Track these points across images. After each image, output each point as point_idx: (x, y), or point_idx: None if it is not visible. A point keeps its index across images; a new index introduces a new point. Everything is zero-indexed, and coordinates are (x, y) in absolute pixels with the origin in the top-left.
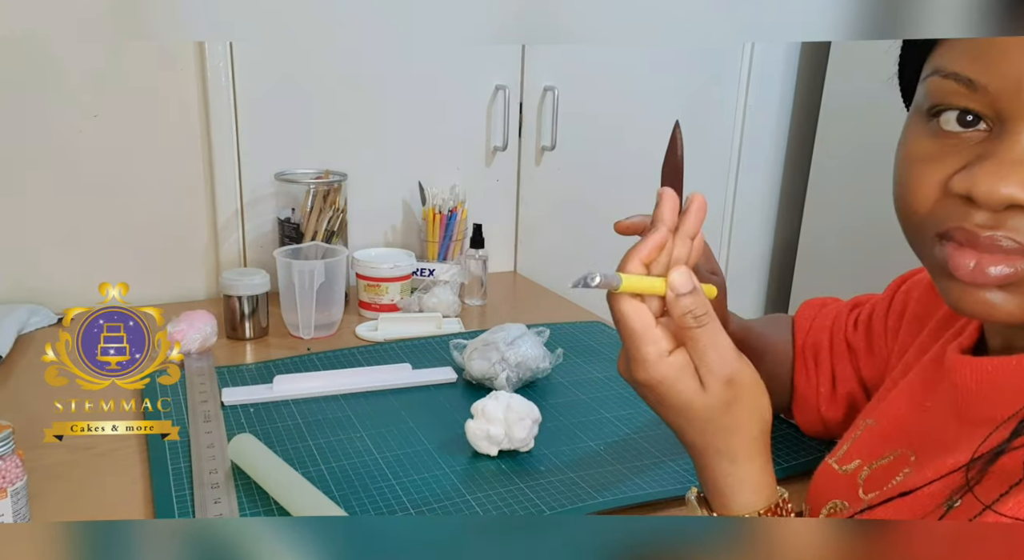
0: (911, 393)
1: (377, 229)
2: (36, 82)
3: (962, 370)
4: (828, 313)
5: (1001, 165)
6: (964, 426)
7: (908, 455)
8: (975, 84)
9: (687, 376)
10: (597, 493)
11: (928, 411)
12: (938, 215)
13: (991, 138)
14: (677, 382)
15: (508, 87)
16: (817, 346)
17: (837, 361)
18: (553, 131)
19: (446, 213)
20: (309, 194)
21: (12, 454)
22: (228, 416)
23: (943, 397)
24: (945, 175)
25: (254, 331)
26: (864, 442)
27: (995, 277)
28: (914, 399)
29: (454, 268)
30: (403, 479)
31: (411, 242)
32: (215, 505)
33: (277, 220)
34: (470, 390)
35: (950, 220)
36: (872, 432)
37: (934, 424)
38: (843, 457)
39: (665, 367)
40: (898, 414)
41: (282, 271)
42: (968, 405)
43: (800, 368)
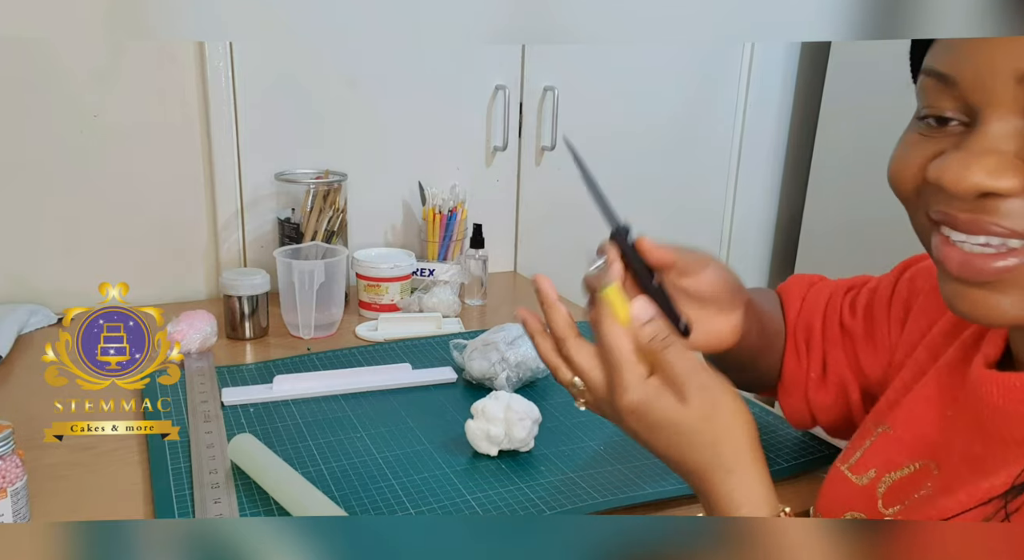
0: (928, 400)
1: (377, 229)
2: (36, 82)
3: (988, 386)
4: (820, 293)
5: (968, 154)
6: (993, 445)
7: (931, 467)
8: (948, 79)
9: (666, 393)
10: (597, 493)
11: (950, 420)
12: (924, 196)
13: (964, 131)
14: (659, 399)
15: (508, 87)
16: (809, 328)
17: (829, 346)
18: (553, 131)
19: (446, 213)
20: (309, 194)
21: (12, 454)
22: (228, 416)
23: (966, 408)
24: (925, 159)
25: (254, 331)
26: (879, 450)
27: (990, 271)
28: (933, 407)
29: (454, 268)
30: (403, 479)
31: (411, 242)
32: (215, 505)
33: (277, 220)
34: (470, 390)
35: (936, 202)
36: (888, 439)
37: (958, 436)
38: (856, 465)
39: (645, 387)
40: (916, 422)
41: (282, 271)
42: (996, 423)
43: (791, 348)
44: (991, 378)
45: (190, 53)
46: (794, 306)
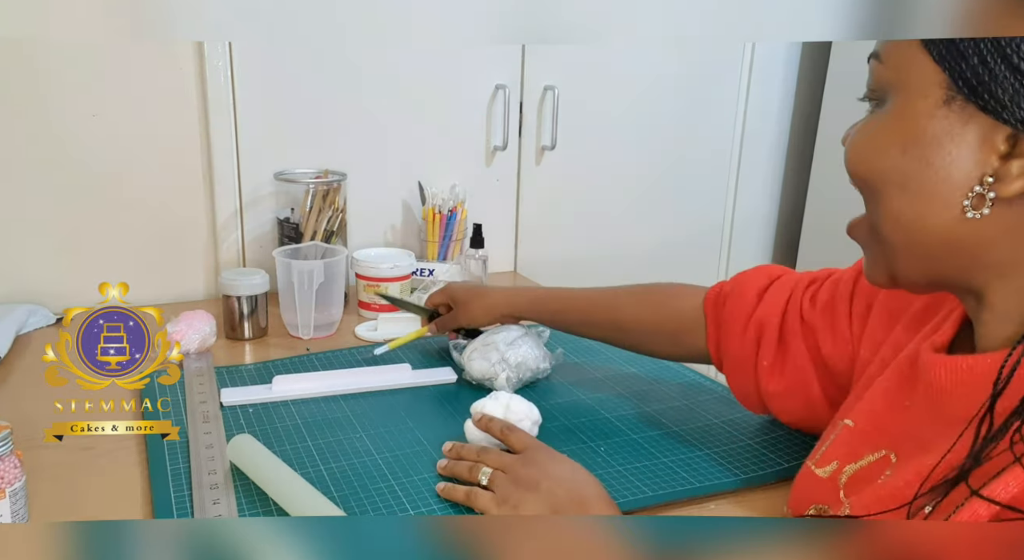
0: (887, 392)
1: (377, 229)
2: (36, 82)
3: (936, 369)
4: (782, 287)
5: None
6: (939, 425)
7: (889, 456)
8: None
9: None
10: None
11: (908, 410)
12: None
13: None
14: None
15: (508, 87)
16: (763, 322)
17: (790, 337)
18: (553, 131)
19: (446, 213)
20: (308, 194)
21: (11, 454)
22: (227, 416)
23: (921, 396)
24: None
25: (253, 331)
26: (842, 442)
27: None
28: (892, 398)
29: (454, 268)
30: (403, 479)
31: (411, 242)
32: (214, 505)
33: (276, 220)
34: (470, 390)
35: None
36: (850, 432)
37: (913, 424)
38: (821, 459)
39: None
40: (876, 413)
41: (281, 271)
42: (943, 404)
43: (733, 337)
44: (939, 361)
45: (190, 53)
46: (746, 297)
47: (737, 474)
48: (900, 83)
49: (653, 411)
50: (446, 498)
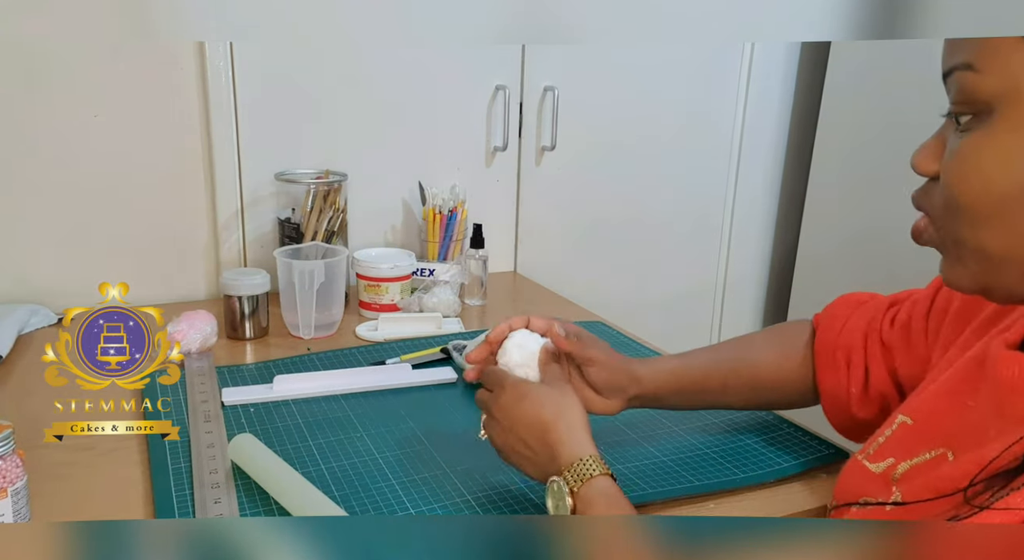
0: (951, 391)
1: (377, 229)
2: (36, 82)
3: (1005, 364)
4: (864, 314)
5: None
6: (1002, 422)
7: (946, 454)
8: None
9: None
10: None
11: (971, 410)
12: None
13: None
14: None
15: (508, 87)
16: (850, 348)
17: (872, 362)
18: (553, 131)
19: (446, 213)
20: (309, 194)
21: (12, 454)
22: (228, 416)
23: (985, 396)
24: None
25: (254, 331)
26: (898, 439)
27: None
28: (955, 397)
29: (454, 268)
30: (403, 479)
31: (411, 242)
32: (215, 505)
33: (277, 220)
34: (470, 390)
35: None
36: (907, 430)
37: (977, 424)
38: (875, 454)
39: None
40: (937, 412)
41: (282, 271)
42: (1008, 401)
43: (826, 369)
44: (1010, 357)
45: (190, 53)
46: (834, 327)
47: (737, 474)
48: (1014, 91)
49: (653, 410)
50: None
